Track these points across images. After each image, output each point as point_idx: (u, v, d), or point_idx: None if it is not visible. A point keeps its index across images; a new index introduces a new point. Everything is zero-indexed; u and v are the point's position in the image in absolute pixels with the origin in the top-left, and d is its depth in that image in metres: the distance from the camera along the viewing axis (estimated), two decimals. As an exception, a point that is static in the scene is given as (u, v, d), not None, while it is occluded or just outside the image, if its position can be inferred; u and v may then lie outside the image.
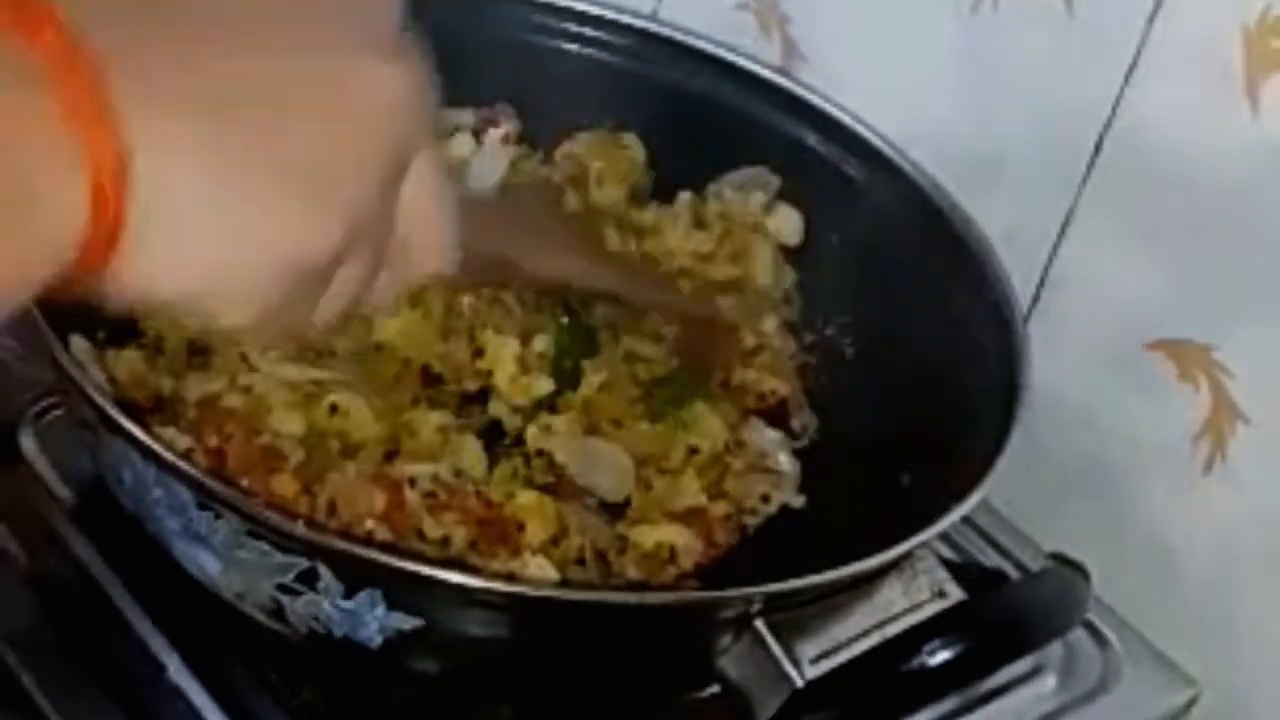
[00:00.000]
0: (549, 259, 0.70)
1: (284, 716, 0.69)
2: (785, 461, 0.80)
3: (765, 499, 0.78)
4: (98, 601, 0.71)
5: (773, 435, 0.80)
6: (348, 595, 0.61)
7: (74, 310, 0.68)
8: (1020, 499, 0.84)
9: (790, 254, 0.87)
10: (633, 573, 0.73)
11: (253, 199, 0.42)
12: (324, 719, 0.70)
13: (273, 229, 0.42)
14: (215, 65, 0.41)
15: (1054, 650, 0.79)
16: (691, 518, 0.75)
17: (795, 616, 0.63)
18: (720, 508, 0.76)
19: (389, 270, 0.48)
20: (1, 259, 0.38)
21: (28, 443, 0.78)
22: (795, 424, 0.82)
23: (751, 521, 0.77)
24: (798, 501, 0.79)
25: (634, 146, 0.89)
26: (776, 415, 0.82)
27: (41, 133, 0.38)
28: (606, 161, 0.88)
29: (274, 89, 0.42)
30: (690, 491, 0.76)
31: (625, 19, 0.89)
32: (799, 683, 0.63)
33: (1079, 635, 0.81)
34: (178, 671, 0.69)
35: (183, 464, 0.62)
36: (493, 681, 0.68)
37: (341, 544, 0.62)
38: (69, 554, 0.73)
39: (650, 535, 0.73)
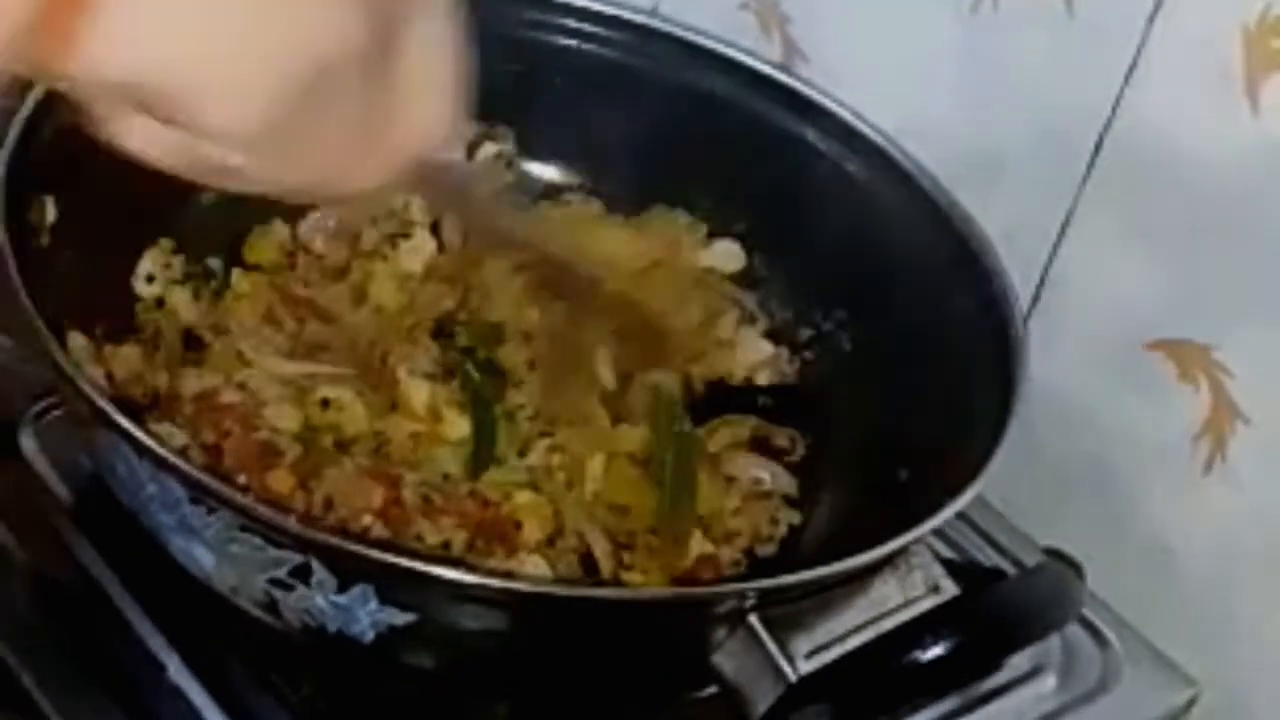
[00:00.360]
0: (542, 241, 0.68)
1: (284, 716, 0.69)
2: (778, 480, 0.80)
3: (774, 521, 0.78)
4: (97, 601, 0.71)
5: (755, 459, 0.80)
6: (340, 590, 0.61)
7: (72, 306, 0.70)
8: (1020, 499, 0.84)
9: (786, 249, 0.87)
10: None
11: None
12: (323, 718, 0.70)
13: (287, 10, 0.36)
14: None
15: (1054, 650, 0.79)
16: (701, 565, 0.75)
17: (789, 612, 0.63)
18: (730, 551, 0.76)
19: (388, 138, 0.42)
20: None
21: (27, 442, 0.78)
22: (783, 442, 0.82)
23: (766, 550, 0.77)
24: (797, 518, 0.79)
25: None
26: (762, 444, 0.82)
27: None
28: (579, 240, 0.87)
29: None
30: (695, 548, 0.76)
31: (624, 14, 0.88)
32: (793, 678, 0.62)
33: (1079, 635, 0.81)
34: (177, 671, 0.69)
35: (175, 460, 0.62)
36: (487, 677, 0.68)
37: (334, 539, 0.63)
38: (69, 553, 0.73)
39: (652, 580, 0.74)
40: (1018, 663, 0.77)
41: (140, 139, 0.39)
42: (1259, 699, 0.81)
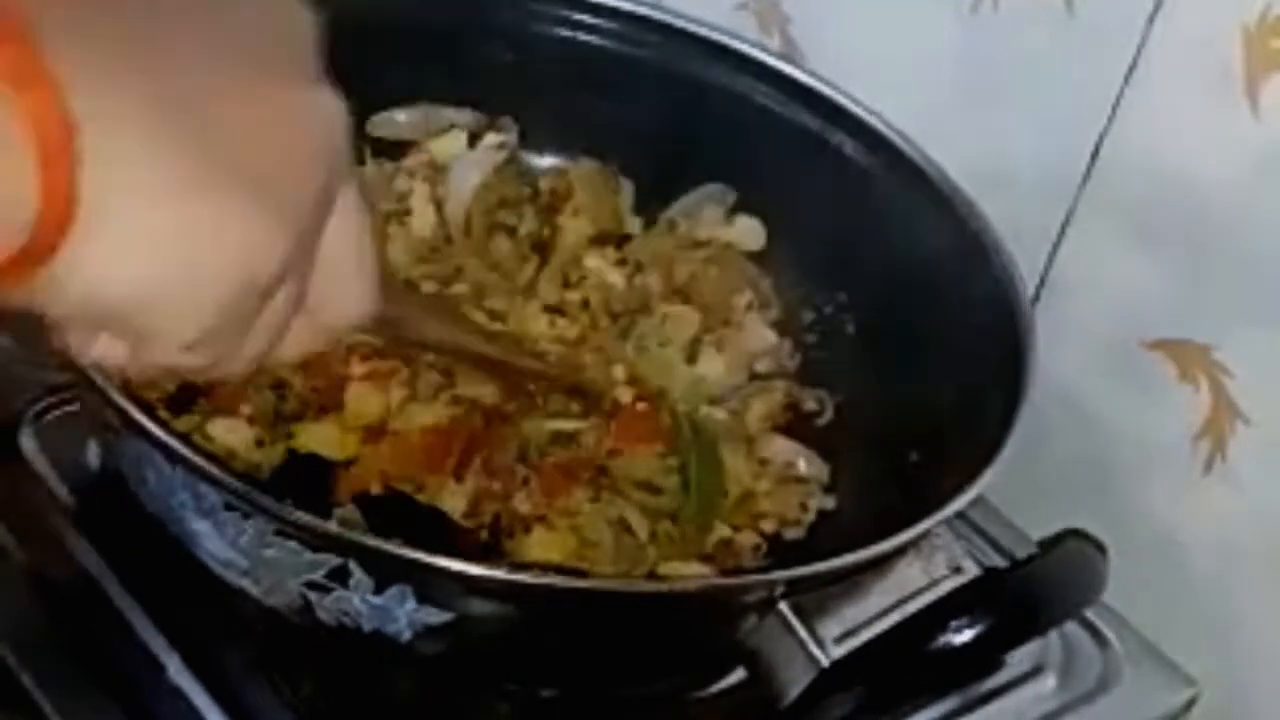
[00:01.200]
0: (429, 322, 0.69)
1: (284, 715, 0.69)
2: (811, 466, 0.80)
3: (804, 507, 0.79)
4: (97, 601, 0.71)
5: (790, 444, 0.81)
6: (378, 590, 0.62)
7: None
8: (1020, 498, 0.84)
9: (788, 236, 0.87)
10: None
11: (213, 202, 0.41)
12: (324, 718, 0.70)
13: (228, 231, 0.41)
14: (160, 62, 0.40)
15: (1054, 650, 0.79)
16: (719, 550, 0.76)
17: (817, 597, 0.63)
18: (752, 535, 0.77)
19: (305, 315, 0.47)
20: None
21: (28, 442, 0.78)
22: (810, 403, 0.83)
23: (794, 534, 0.78)
24: (830, 503, 0.79)
25: (623, 193, 0.89)
26: (793, 424, 0.82)
27: None
28: (590, 196, 0.87)
29: (217, 95, 0.42)
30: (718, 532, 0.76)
31: (629, 6, 0.88)
32: (825, 663, 0.63)
33: (1079, 635, 0.81)
34: (178, 671, 0.69)
35: (213, 468, 0.61)
36: (521, 671, 0.69)
37: (373, 542, 0.62)
38: (69, 554, 0.73)
39: (680, 570, 0.74)
40: (1019, 662, 0.77)
41: (98, 354, 0.45)
42: (1259, 699, 0.81)
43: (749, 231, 0.88)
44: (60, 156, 0.38)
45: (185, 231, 0.41)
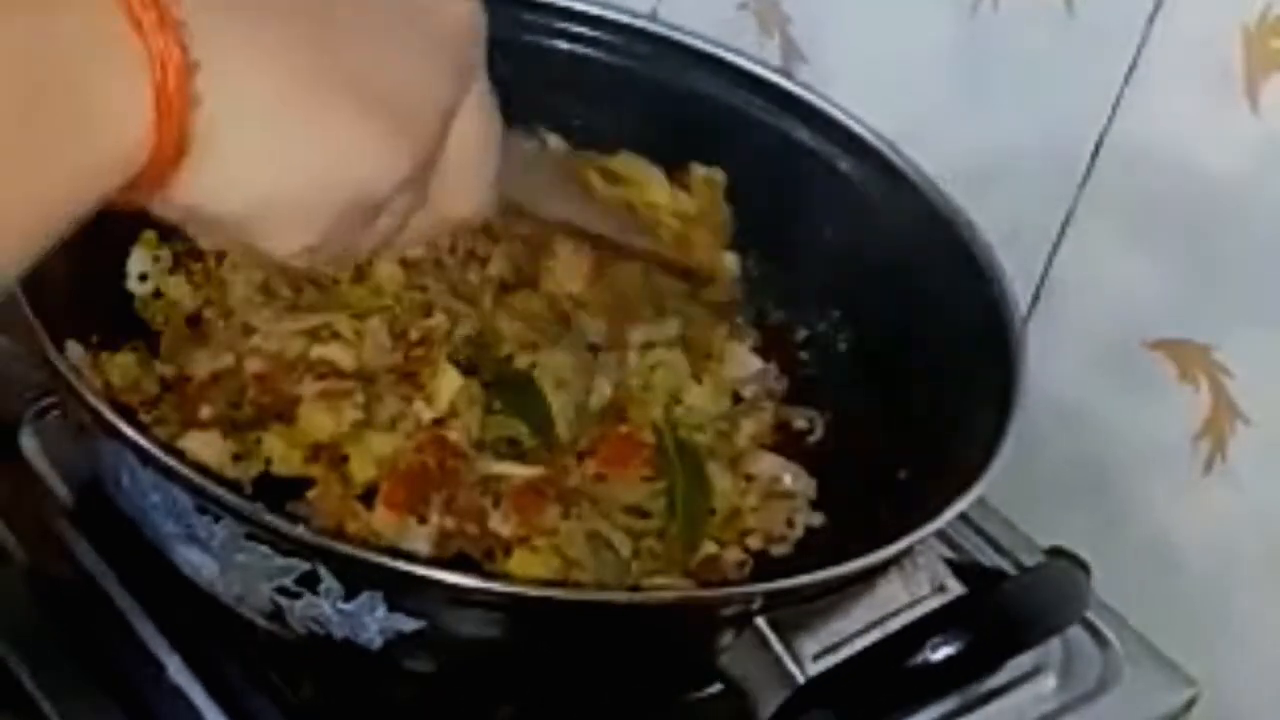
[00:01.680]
0: (553, 199, 0.70)
1: (283, 717, 0.69)
2: (798, 480, 0.80)
3: (790, 523, 0.78)
4: (97, 601, 0.71)
5: (777, 459, 0.80)
6: (348, 598, 0.61)
7: (68, 315, 0.70)
8: (1021, 499, 0.84)
9: (782, 250, 0.87)
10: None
11: (324, 119, 0.40)
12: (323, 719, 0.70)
13: (343, 153, 0.41)
14: None
15: (1054, 650, 0.79)
16: (704, 565, 0.75)
17: (796, 613, 0.63)
18: (736, 552, 0.76)
19: (424, 210, 0.47)
20: (68, 169, 0.37)
21: (28, 442, 0.78)
22: (801, 422, 0.83)
23: (781, 551, 0.77)
24: (818, 520, 0.79)
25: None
26: (782, 441, 0.82)
27: (104, 39, 0.37)
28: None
29: (343, 7, 0.41)
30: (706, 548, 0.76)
31: (622, 18, 0.88)
32: (800, 680, 0.62)
33: (1079, 635, 0.81)
34: (177, 672, 0.69)
35: (183, 468, 0.62)
36: (493, 681, 0.68)
37: (342, 547, 0.62)
38: (68, 554, 0.73)
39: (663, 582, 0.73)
40: (1018, 663, 0.77)
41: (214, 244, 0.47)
42: (1259, 699, 0.81)
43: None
44: (178, 92, 0.38)
45: (304, 147, 0.41)
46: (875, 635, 0.64)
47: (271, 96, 0.40)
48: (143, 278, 0.79)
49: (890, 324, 0.83)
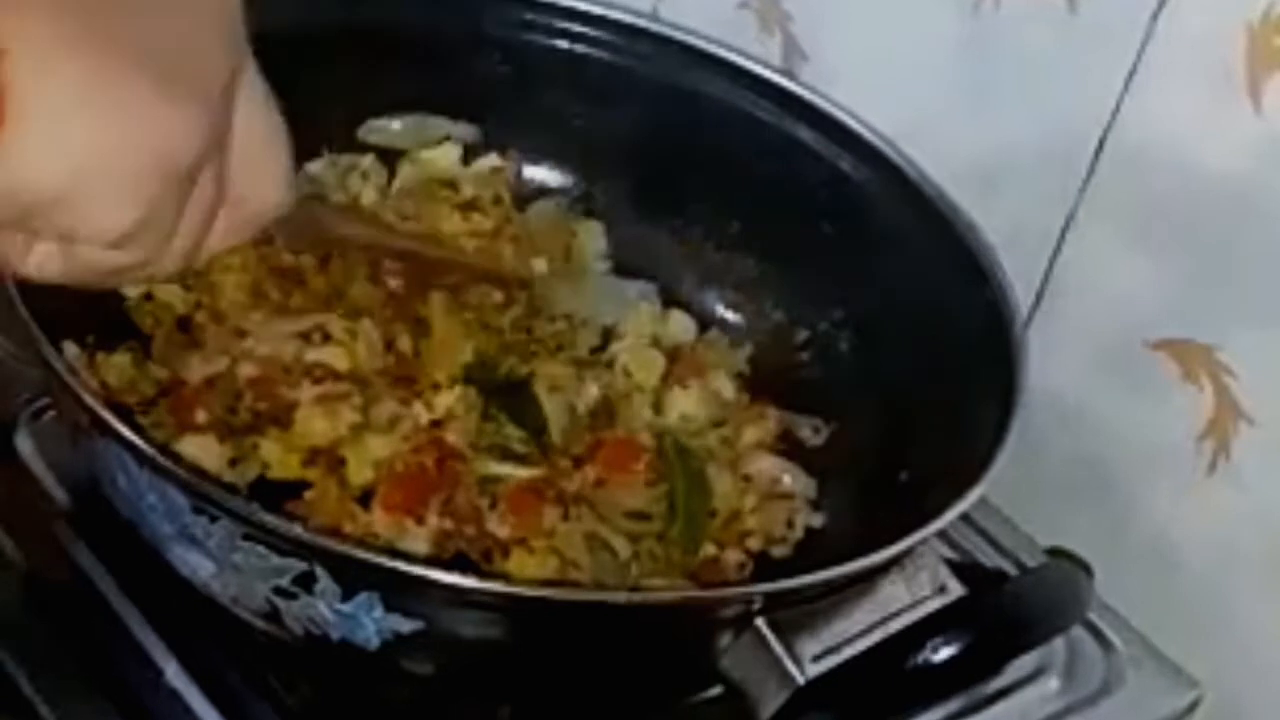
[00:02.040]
0: (348, 222, 0.74)
1: (281, 719, 0.69)
2: (798, 481, 0.80)
3: (790, 524, 0.78)
4: (94, 604, 0.71)
5: (776, 460, 0.80)
6: (345, 598, 0.61)
7: (64, 316, 0.69)
8: (1024, 500, 0.83)
9: (783, 251, 0.87)
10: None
11: (126, 93, 0.44)
12: (322, 721, 0.70)
13: (146, 122, 0.44)
14: None
15: (1057, 652, 0.79)
16: (705, 567, 0.75)
17: (796, 614, 0.63)
18: (737, 553, 0.76)
19: (228, 208, 0.50)
20: None
21: (24, 444, 0.78)
22: (805, 430, 0.82)
23: (781, 552, 0.77)
24: (818, 521, 0.79)
25: (590, 235, 0.89)
26: (786, 443, 0.82)
27: None
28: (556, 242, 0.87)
29: None
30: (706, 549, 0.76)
31: (623, 18, 0.88)
32: (800, 681, 0.62)
33: (1082, 637, 0.81)
34: (175, 674, 0.69)
35: (179, 469, 0.61)
36: (492, 682, 0.68)
37: (339, 546, 0.62)
38: (65, 556, 0.73)
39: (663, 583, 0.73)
40: (1021, 664, 0.77)
41: (35, 262, 0.48)
42: (1262, 701, 0.81)
43: (680, 328, 0.87)
44: None
45: (100, 122, 0.44)
46: (876, 636, 0.64)
47: (77, 76, 0.43)
48: None
49: (891, 324, 0.82)
